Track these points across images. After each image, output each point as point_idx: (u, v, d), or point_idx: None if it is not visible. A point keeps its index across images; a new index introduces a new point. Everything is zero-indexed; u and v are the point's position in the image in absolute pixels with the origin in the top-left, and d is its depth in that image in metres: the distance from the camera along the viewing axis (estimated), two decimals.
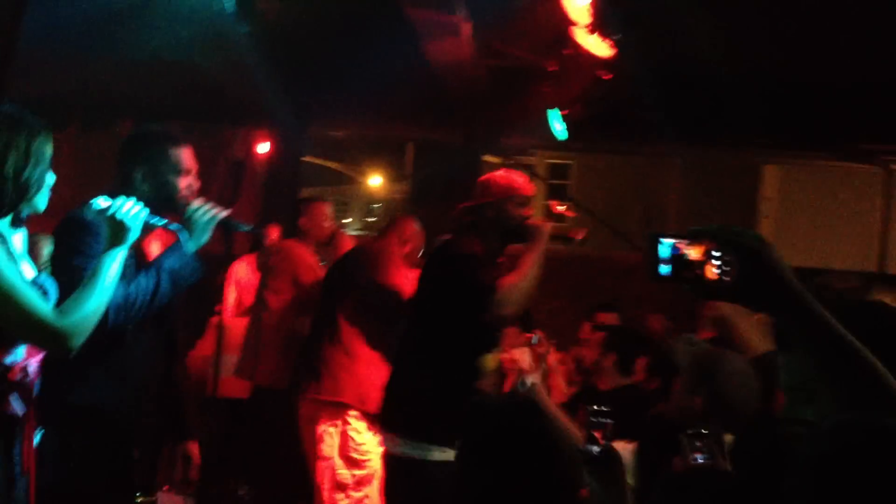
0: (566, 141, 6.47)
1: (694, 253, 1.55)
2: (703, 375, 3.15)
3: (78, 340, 2.47)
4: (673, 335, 6.27)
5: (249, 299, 5.75)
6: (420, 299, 3.95)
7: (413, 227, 5.19)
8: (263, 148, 8.32)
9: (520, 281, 3.56)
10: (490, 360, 3.86)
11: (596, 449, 2.66)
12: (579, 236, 3.90)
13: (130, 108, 7.70)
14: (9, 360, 2.47)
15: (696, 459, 2.67)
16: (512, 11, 5.29)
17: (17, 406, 2.47)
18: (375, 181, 18.43)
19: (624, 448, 3.08)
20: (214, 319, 5.97)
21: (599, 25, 4.32)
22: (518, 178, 3.84)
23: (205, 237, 3.08)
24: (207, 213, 3.09)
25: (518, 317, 3.81)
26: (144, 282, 2.92)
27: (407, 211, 8.91)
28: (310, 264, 5.42)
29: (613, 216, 9.40)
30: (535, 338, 4.60)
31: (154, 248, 3.19)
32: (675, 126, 7.13)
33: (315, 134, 8.61)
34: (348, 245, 5.56)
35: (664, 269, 1.59)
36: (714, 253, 1.51)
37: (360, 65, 6.28)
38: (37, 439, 2.60)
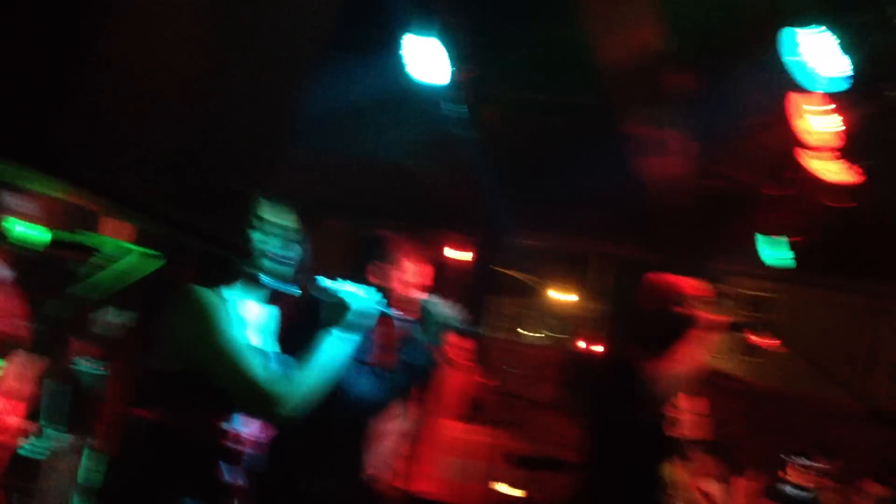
0: (777, 270, 6.14)
1: None
2: None
3: (285, 409, 2.44)
4: None
5: None
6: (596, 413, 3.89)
7: None
8: (462, 253, 8.46)
9: (673, 363, 3.45)
10: (672, 472, 3.64)
11: (804, 494, 2.67)
12: (766, 341, 3.70)
13: (342, 205, 8.06)
14: (226, 425, 2.51)
15: None
16: (734, 132, 5.16)
17: (226, 473, 2.49)
18: (559, 295, 18.30)
19: None
20: None
21: (834, 152, 4.11)
22: (679, 280, 3.79)
23: (439, 333, 3.10)
24: (446, 312, 3.11)
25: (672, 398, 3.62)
26: (394, 378, 2.98)
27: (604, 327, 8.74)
28: None
29: (823, 356, 8.77)
30: None
31: None
32: None
33: (514, 242, 8.67)
34: None
35: None
36: None
37: (571, 178, 6.30)
38: None
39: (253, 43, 1.62)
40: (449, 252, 8.17)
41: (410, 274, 3.26)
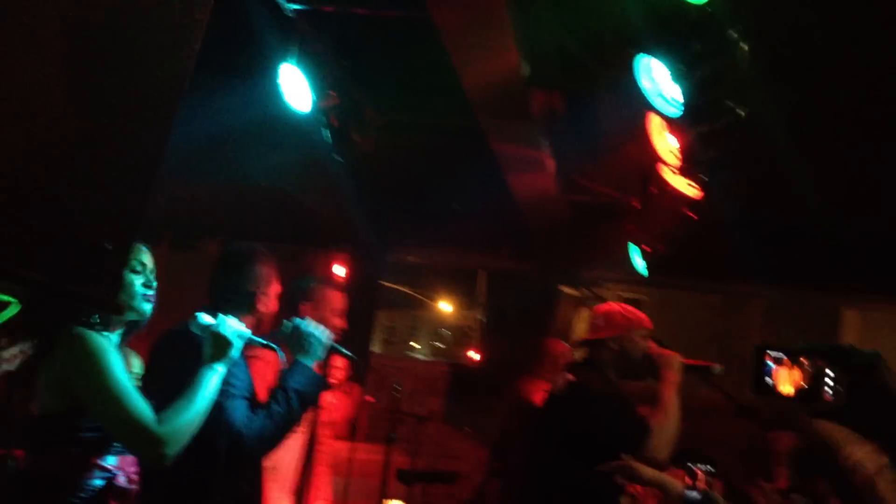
0: (647, 277, 6.42)
1: (794, 374, 1.56)
2: None
3: (172, 449, 2.49)
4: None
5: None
6: (546, 444, 3.70)
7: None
8: (342, 270, 8.46)
9: (669, 419, 3.40)
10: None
11: (694, 494, 2.80)
12: (718, 367, 3.74)
13: (219, 229, 7.97)
14: (101, 462, 2.50)
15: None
16: (597, 149, 5.39)
17: None
18: (446, 307, 18.52)
19: None
20: None
21: (687, 167, 4.36)
22: (638, 312, 3.76)
23: (320, 352, 3.08)
24: (318, 329, 3.10)
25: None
26: (278, 408, 2.92)
27: (482, 339, 8.90)
28: None
29: (689, 356, 9.16)
30: None
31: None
32: (756, 267, 7.04)
33: (393, 259, 8.74)
34: None
35: (768, 382, 1.61)
36: (826, 371, 1.51)
37: (444, 195, 6.43)
38: None
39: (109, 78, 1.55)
40: (327, 271, 8.17)
41: (276, 294, 3.25)
